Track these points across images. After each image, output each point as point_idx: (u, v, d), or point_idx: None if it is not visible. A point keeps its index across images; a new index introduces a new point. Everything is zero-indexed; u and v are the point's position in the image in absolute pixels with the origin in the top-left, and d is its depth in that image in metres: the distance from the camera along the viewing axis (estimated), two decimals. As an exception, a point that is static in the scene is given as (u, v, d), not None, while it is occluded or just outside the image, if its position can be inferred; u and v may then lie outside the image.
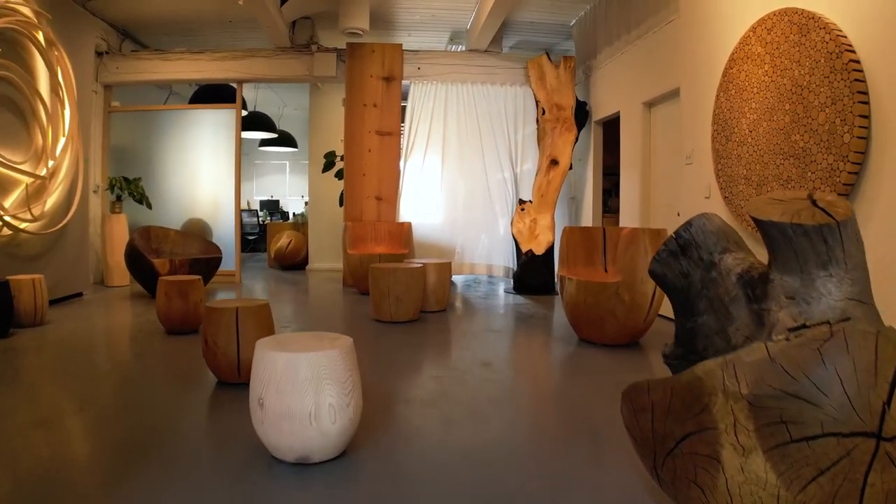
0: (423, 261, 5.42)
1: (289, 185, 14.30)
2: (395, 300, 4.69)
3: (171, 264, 5.81)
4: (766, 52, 3.56)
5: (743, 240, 1.70)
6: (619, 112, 6.13)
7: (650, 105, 5.50)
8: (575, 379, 3.32)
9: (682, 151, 4.71)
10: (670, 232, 4.23)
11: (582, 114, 6.85)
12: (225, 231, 7.54)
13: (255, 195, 14.02)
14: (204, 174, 7.63)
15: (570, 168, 6.81)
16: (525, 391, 3.09)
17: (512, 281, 6.99)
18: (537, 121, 7.03)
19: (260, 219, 12.74)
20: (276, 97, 10.67)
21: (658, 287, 4.13)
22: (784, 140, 3.41)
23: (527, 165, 7.43)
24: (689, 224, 1.62)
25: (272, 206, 13.32)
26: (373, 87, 7.21)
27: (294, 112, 11.60)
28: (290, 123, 11.63)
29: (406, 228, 6.98)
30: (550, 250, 6.62)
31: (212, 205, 7.62)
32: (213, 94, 7.75)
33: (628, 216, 5.87)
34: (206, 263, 6.19)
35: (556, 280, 6.64)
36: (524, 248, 6.66)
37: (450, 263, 5.49)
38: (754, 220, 1.37)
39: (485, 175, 7.41)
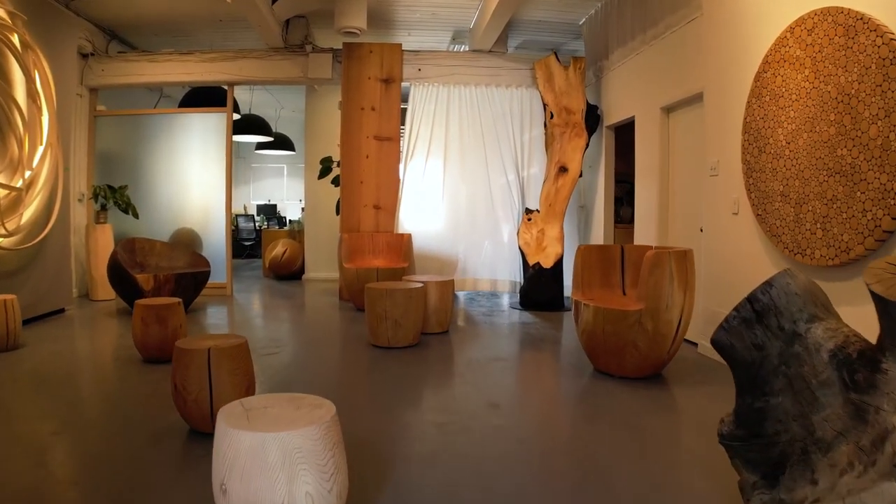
0: (424, 279, 5.04)
1: (286, 188, 13.94)
2: (394, 324, 4.32)
3: (156, 280, 5.44)
4: (806, 55, 3.19)
5: (831, 302, 1.33)
6: (633, 117, 5.74)
7: (669, 110, 5.11)
8: (593, 426, 2.93)
9: (705, 161, 4.33)
10: (696, 251, 3.90)
11: (593, 118, 6.46)
12: (216, 241, 7.16)
13: (252, 199, 13.66)
14: (194, 181, 7.26)
15: (581, 175, 6.43)
16: (538, 444, 2.71)
17: (518, 295, 6.62)
18: (545, 125, 6.64)
19: (257, 224, 12.37)
20: (272, 99, 10.31)
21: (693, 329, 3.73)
22: (829, 154, 3.04)
23: (533, 169, 7.05)
24: (769, 285, 1.24)
25: (269, 211, 12.94)
26: (371, 89, 6.84)
27: (291, 114, 11.23)
28: (287, 126, 11.26)
29: (406, 240, 6.60)
30: (559, 263, 6.24)
31: (202, 213, 7.25)
32: (206, 96, 7.37)
33: (644, 230, 5.48)
34: (194, 278, 5.82)
35: (565, 296, 6.25)
36: (531, 261, 6.28)
37: (452, 281, 5.11)
38: (876, 297, 1.00)
39: (487, 179, 7.02)
